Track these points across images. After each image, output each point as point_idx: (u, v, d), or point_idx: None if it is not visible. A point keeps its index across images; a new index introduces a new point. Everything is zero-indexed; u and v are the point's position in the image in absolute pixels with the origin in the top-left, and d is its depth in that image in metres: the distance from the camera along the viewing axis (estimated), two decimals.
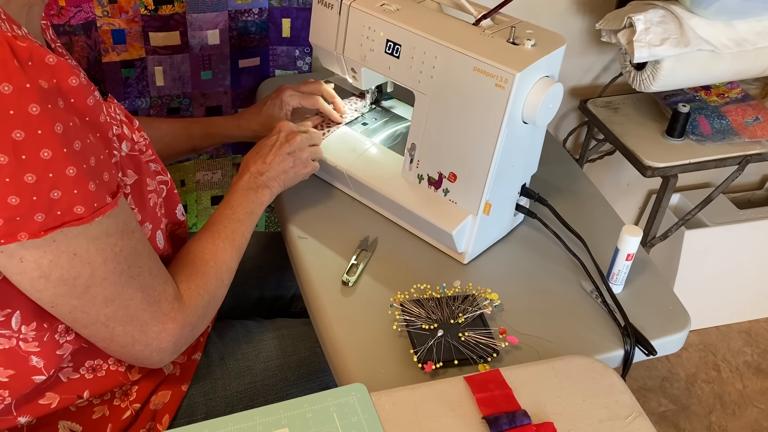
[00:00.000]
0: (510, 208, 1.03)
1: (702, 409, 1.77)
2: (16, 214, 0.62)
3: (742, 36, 1.35)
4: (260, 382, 0.97)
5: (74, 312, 0.71)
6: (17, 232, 0.62)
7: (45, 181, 0.62)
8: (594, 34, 1.58)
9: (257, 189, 0.96)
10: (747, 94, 1.56)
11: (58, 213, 0.64)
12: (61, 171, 0.63)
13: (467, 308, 0.89)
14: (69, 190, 0.64)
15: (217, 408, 0.94)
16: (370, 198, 1.08)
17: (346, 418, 0.69)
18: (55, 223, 0.64)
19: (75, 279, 0.68)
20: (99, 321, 0.72)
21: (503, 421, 0.70)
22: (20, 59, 0.60)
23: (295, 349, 1.02)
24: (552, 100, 0.90)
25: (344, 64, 1.06)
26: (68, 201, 0.64)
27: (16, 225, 0.62)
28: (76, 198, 0.64)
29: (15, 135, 0.60)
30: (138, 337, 0.76)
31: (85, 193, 0.65)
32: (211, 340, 0.99)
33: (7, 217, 0.61)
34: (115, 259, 0.70)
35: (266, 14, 1.33)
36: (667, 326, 0.93)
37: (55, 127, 0.62)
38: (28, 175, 0.61)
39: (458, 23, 0.94)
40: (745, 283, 1.95)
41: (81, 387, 0.82)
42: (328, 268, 0.98)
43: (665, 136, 1.48)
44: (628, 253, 0.93)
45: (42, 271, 0.66)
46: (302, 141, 1.01)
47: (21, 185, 0.61)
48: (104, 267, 0.69)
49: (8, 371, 0.75)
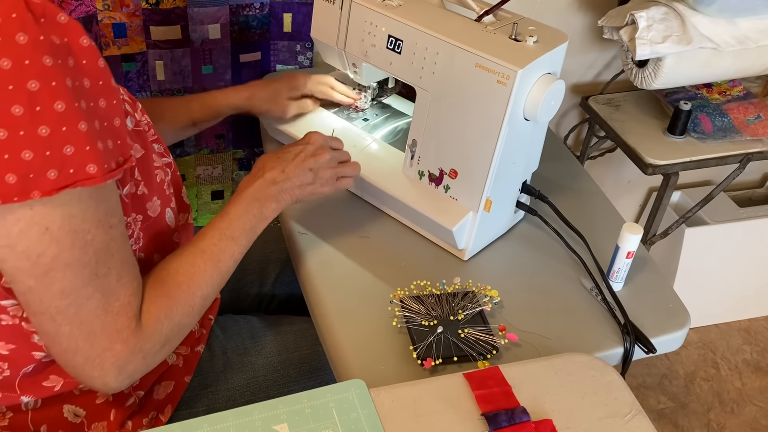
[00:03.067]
0: (511, 205, 1.03)
1: (701, 406, 1.78)
2: (30, 171, 0.60)
3: (744, 34, 1.35)
4: (262, 378, 0.97)
5: (28, 294, 0.67)
6: (30, 190, 0.60)
7: (58, 135, 0.60)
8: (596, 31, 1.58)
9: (264, 201, 0.87)
10: (749, 92, 1.56)
11: (71, 171, 0.62)
12: (74, 125, 0.61)
13: (467, 305, 0.89)
14: (81, 146, 0.62)
15: (218, 401, 0.94)
16: (370, 194, 1.07)
17: (345, 414, 0.69)
18: (67, 181, 0.61)
19: (38, 257, 0.64)
20: (48, 312, 0.67)
21: (502, 418, 0.70)
22: (34, 14, 0.60)
23: (297, 346, 1.02)
24: (554, 97, 0.90)
25: (345, 60, 1.06)
26: (80, 158, 0.62)
27: (30, 182, 0.60)
28: (88, 155, 0.62)
29: (30, 85, 0.59)
30: (82, 346, 0.69)
31: (96, 151, 0.63)
32: (213, 333, 0.99)
33: (21, 173, 0.59)
34: (84, 248, 0.66)
35: (267, 9, 1.33)
36: (667, 324, 0.93)
37: (67, 81, 0.61)
38: (42, 128, 0.60)
39: (460, 19, 0.94)
40: (745, 281, 1.95)
41: None
42: (327, 264, 0.98)
43: (666, 133, 1.48)
44: (628, 251, 0.93)
45: (9, 240, 0.63)
46: (330, 160, 0.94)
47: (35, 138, 0.60)
48: (70, 252, 0.65)
49: (9, 345, 0.75)
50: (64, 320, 0.68)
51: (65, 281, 0.66)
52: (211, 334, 0.99)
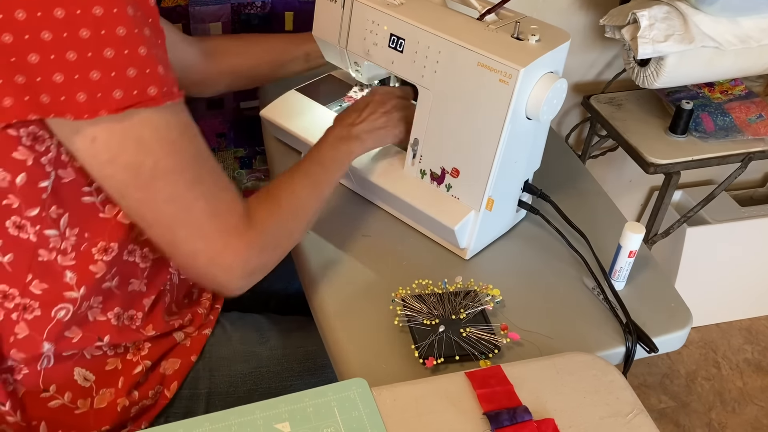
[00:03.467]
0: (512, 204, 1.03)
1: (702, 406, 1.78)
2: (98, 90, 0.64)
3: (746, 33, 1.35)
4: (265, 368, 0.98)
5: (140, 207, 0.72)
6: (98, 109, 0.65)
7: (122, 58, 0.65)
8: (598, 30, 1.58)
9: (349, 139, 0.95)
10: (751, 92, 1.55)
11: (134, 92, 0.66)
12: (134, 49, 0.65)
13: (469, 304, 0.89)
14: (142, 69, 0.66)
15: (220, 385, 0.95)
16: (372, 193, 1.07)
17: (347, 413, 0.69)
18: (131, 102, 0.66)
19: (139, 167, 0.69)
20: (162, 221, 0.73)
21: (504, 417, 0.70)
22: None
23: (303, 342, 1.02)
24: (556, 96, 0.90)
25: (347, 58, 1.06)
26: (142, 80, 0.66)
27: (97, 101, 0.64)
28: (148, 78, 0.67)
29: (95, 11, 0.63)
30: (201, 248, 0.75)
31: (156, 75, 0.67)
32: (221, 324, 1.00)
33: (89, 92, 0.64)
34: (177, 155, 0.71)
35: (269, 7, 1.32)
36: (669, 323, 0.93)
37: (128, 9, 0.65)
38: (107, 50, 0.64)
39: (462, 18, 0.93)
40: (746, 280, 1.95)
41: (104, 330, 0.84)
42: (329, 263, 0.98)
43: (668, 132, 1.48)
44: (630, 250, 0.93)
45: (111, 154, 0.68)
46: (397, 103, 1.01)
47: (102, 60, 0.64)
48: (166, 161, 0.70)
49: (43, 284, 0.78)
50: (178, 226, 0.73)
51: (169, 188, 0.71)
52: (218, 324, 1.00)
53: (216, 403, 0.94)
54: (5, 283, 0.77)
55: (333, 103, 1.16)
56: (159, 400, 0.90)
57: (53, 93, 0.64)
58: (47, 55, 0.63)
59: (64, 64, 0.63)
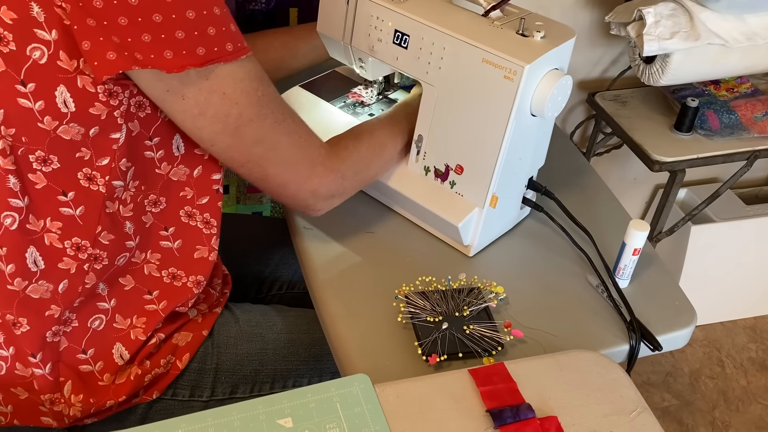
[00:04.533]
0: (517, 201, 1.03)
1: (706, 404, 1.77)
2: (183, 48, 0.70)
3: (753, 30, 1.34)
4: (271, 350, 0.99)
5: (229, 150, 0.81)
6: (185, 65, 0.70)
7: (201, 18, 0.71)
8: (603, 26, 1.57)
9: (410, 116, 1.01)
10: (757, 89, 1.55)
11: (215, 49, 0.72)
12: (211, 9, 0.72)
13: (472, 301, 0.89)
14: (219, 28, 0.72)
15: (226, 363, 0.96)
16: (375, 189, 1.07)
17: (349, 409, 0.69)
18: (213, 57, 0.72)
19: (227, 117, 0.77)
20: (252, 160, 0.82)
21: (507, 415, 0.70)
22: None
23: (310, 329, 1.03)
24: (561, 92, 0.90)
25: (352, 55, 1.06)
26: (220, 37, 0.72)
27: (183, 58, 0.70)
28: (225, 35, 0.73)
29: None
30: (289, 177, 0.85)
31: (230, 32, 0.74)
32: (229, 309, 1.02)
33: (175, 50, 0.70)
34: (258, 102, 0.78)
35: (273, 3, 1.32)
36: (673, 322, 0.93)
37: None
38: (189, 11, 0.70)
39: (467, 14, 0.93)
40: (751, 279, 1.94)
41: (153, 286, 0.90)
42: (333, 259, 0.98)
43: (673, 130, 1.47)
44: (634, 248, 0.93)
45: (200, 109, 0.75)
46: None
47: (184, 20, 0.70)
48: (250, 109, 0.78)
49: (110, 235, 0.83)
50: (267, 163, 0.83)
51: (255, 132, 0.80)
52: (227, 309, 1.01)
53: (222, 380, 0.96)
54: (78, 236, 0.81)
55: (337, 100, 1.15)
56: (171, 369, 0.93)
57: (144, 51, 0.69)
58: (135, 18, 0.68)
59: (151, 26, 0.68)
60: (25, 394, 0.85)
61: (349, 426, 0.68)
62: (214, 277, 1.01)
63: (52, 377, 0.85)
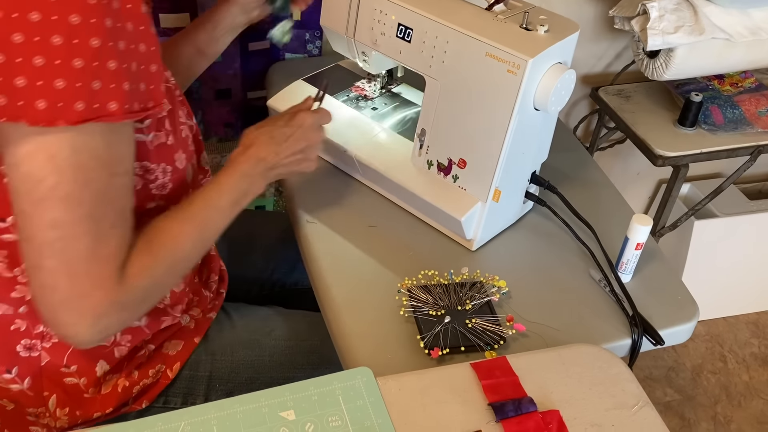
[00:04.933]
0: (519, 195, 1.03)
1: (707, 399, 1.77)
2: (60, 99, 0.62)
3: (757, 24, 1.34)
4: (268, 358, 0.98)
5: (20, 217, 0.67)
6: (57, 119, 0.63)
7: (90, 69, 0.63)
8: (607, 20, 1.57)
9: (254, 178, 0.87)
10: (761, 84, 1.54)
11: (95, 106, 0.64)
12: (104, 62, 0.64)
13: (475, 295, 0.89)
14: (107, 84, 0.64)
15: (221, 370, 0.95)
16: (378, 183, 1.07)
17: (352, 402, 0.70)
18: (90, 116, 0.64)
19: (38, 183, 0.65)
20: (36, 241, 0.67)
21: (509, 408, 0.70)
22: None
23: (309, 336, 1.02)
24: (564, 87, 0.90)
25: (355, 48, 1.06)
26: (105, 95, 0.64)
27: (57, 111, 0.62)
28: (111, 93, 0.65)
29: (72, 19, 0.62)
30: (62, 285, 0.68)
31: (120, 91, 0.65)
32: (225, 311, 1.01)
33: (51, 101, 0.62)
34: (84, 185, 0.66)
35: None
36: (676, 316, 0.93)
37: (107, 21, 0.64)
38: (77, 60, 0.62)
39: (471, 8, 0.93)
40: (753, 274, 1.94)
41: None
42: (335, 253, 0.98)
43: (677, 125, 1.47)
44: (637, 243, 0.93)
45: (16, 160, 0.65)
46: (320, 141, 0.95)
47: (69, 69, 0.62)
48: (69, 186, 0.66)
49: None
50: (49, 253, 0.67)
51: (58, 213, 0.66)
52: (223, 312, 1.00)
53: (216, 387, 0.94)
54: None
55: (340, 93, 1.16)
56: (160, 379, 0.91)
57: (12, 96, 0.62)
58: (14, 57, 0.61)
59: (29, 69, 0.61)
60: (11, 406, 0.84)
61: (352, 419, 0.68)
62: (211, 273, 1.00)
63: (33, 392, 0.83)
